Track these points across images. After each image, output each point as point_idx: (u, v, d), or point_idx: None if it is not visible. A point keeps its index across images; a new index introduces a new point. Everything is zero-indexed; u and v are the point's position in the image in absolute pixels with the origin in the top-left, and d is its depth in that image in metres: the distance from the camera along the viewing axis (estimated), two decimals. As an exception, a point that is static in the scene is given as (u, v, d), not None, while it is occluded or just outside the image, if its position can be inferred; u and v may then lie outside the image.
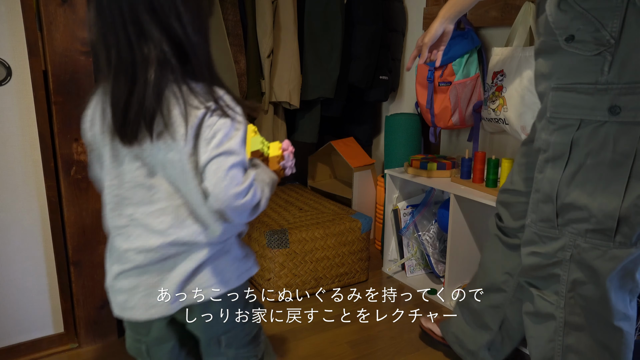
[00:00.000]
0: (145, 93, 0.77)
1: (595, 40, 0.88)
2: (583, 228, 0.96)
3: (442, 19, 1.36)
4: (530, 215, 1.06)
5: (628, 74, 0.87)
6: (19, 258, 1.52)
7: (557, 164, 0.97)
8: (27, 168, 1.48)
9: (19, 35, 1.40)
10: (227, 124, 0.80)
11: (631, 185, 0.89)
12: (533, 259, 1.06)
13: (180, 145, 0.80)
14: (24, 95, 1.44)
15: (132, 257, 0.86)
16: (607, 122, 0.89)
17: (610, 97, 0.88)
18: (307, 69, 2.20)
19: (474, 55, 1.85)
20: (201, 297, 0.88)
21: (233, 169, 0.80)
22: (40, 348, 1.59)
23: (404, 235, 2.12)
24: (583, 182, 0.94)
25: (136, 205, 0.85)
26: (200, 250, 0.87)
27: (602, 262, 0.95)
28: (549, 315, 1.06)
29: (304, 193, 2.44)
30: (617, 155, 0.90)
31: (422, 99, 1.96)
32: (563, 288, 1.02)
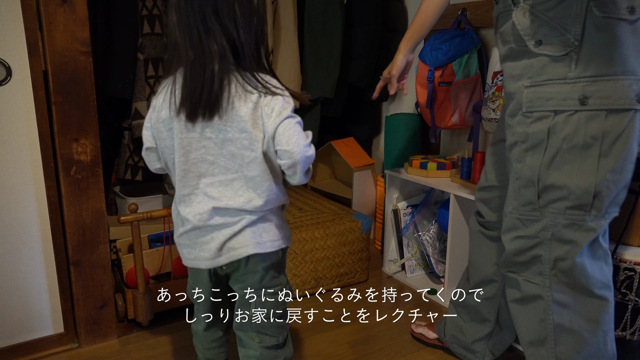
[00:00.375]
0: (212, 80, 0.96)
1: (562, 43, 1.02)
2: (563, 206, 1.07)
3: (404, 52, 1.52)
4: (511, 202, 1.15)
5: (592, 68, 1.00)
6: (19, 258, 1.52)
7: (537, 151, 1.08)
8: (27, 168, 1.48)
9: (19, 35, 1.40)
10: (279, 99, 0.99)
11: (601, 163, 1.03)
12: (517, 242, 1.15)
13: (241, 124, 0.98)
14: (24, 95, 1.44)
15: (191, 219, 1.05)
16: (577, 111, 1.02)
17: (578, 89, 1.01)
18: (307, 69, 2.20)
19: (474, 55, 1.85)
20: (240, 254, 1.06)
21: (298, 126, 0.99)
22: (40, 348, 1.59)
23: (404, 235, 2.12)
24: (561, 164, 1.05)
25: (199, 177, 1.03)
26: (244, 216, 1.04)
27: (580, 235, 1.07)
28: (536, 296, 1.14)
29: (304, 193, 2.44)
30: (588, 138, 1.02)
31: (422, 99, 1.96)
32: (546, 267, 1.12)
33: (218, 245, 1.05)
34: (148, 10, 1.84)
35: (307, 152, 0.99)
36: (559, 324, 1.13)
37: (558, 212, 1.08)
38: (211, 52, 0.96)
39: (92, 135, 1.52)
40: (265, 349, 1.18)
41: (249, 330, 1.18)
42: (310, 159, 1.01)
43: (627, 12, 0.98)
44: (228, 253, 1.06)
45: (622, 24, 0.99)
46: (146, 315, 1.72)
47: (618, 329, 1.33)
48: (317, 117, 2.29)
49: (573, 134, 1.03)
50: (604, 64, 1.00)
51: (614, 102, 1.01)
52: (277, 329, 1.19)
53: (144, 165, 2.06)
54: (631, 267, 1.26)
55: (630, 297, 1.28)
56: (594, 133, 1.02)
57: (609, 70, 1.00)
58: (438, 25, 2.13)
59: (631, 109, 1.01)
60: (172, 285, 1.78)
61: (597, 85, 1.00)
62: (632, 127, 1.02)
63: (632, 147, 1.04)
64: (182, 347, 1.63)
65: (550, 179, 1.07)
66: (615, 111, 1.01)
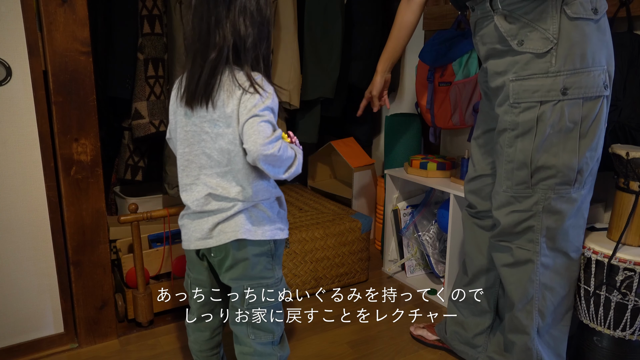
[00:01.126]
0: (208, 68, 1.02)
1: (543, 41, 1.16)
2: (552, 182, 1.22)
3: (381, 73, 1.74)
4: (505, 182, 1.29)
5: (569, 63, 1.15)
6: (19, 258, 1.52)
7: (527, 137, 1.22)
8: (27, 168, 1.48)
9: (19, 35, 1.40)
10: (256, 97, 1.02)
11: (581, 143, 1.19)
12: (512, 216, 1.29)
13: (227, 120, 1.03)
14: (24, 95, 1.44)
15: (190, 205, 1.12)
16: (560, 101, 1.17)
17: (560, 81, 1.16)
18: (307, 69, 2.19)
19: (473, 55, 1.85)
20: (229, 238, 1.09)
21: (261, 124, 1.01)
22: (40, 348, 1.59)
23: (404, 235, 2.12)
24: (548, 147, 1.20)
25: (200, 169, 1.10)
26: (237, 204, 1.09)
27: (566, 205, 1.24)
28: (527, 261, 1.29)
29: (304, 193, 2.44)
30: (570, 123, 1.18)
31: (422, 99, 1.96)
32: (537, 235, 1.27)
33: (210, 226, 1.10)
34: (148, 10, 1.84)
35: (265, 152, 1.00)
36: (543, 283, 1.29)
37: (548, 188, 1.23)
38: (215, 45, 1.02)
39: (92, 135, 1.52)
40: (259, 345, 1.19)
41: (243, 325, 1.18)
42: (270, 157, 1.01)
43: (592, 12, 1.15)
44: (218, 236, 1.10)
45: (590, 23, 1.15)
46: (146, 315, 1.72)
47: (618, 329, 1.33)
48: (317, 117, 2.29)
49: (558, 120, 1.18)
50: (578, 58, 1.15)
51: (588, 91, 1.17)
52: (272, 326, 1.19)
53: (144, 165, 2.06)
54: (631, 267, 1.27)
55: (630, 297, 1.28)
56: (574, 118, 1.18)
57: (582, 64, 1.15)
58: (438, 25, 2.13)
59: (601, 95, 1.18)
60: (172, 285, 1.78)
61: (575, 77, 1.16)
62: (602, 110, 1.20)
63: (603, 127, 1.22)
64: (182, 347, 1.63)
65: (541, 161, 1.21)
66: (589, 98, 1.17)
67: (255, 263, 1.13)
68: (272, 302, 1.17)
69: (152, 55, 1.87)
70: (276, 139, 1.02)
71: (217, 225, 1.10)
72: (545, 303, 1.30)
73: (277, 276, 1.18)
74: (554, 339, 1.35)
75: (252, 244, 1.11)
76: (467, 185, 1.52)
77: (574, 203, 1.24)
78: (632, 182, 1.31)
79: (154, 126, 1.89)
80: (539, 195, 1.24)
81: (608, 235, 1.40)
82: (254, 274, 1.14)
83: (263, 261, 1.14)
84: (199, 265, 1.21)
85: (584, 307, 1.39)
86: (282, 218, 1.18)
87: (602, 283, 1.32)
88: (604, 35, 1.18)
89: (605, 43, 1.19)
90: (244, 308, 1.16)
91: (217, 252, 1.14)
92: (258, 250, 1.12)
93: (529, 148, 1.22)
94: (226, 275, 1.16)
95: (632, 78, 1.40)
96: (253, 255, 1.12)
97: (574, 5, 1.14)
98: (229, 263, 1.13)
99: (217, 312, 1.27)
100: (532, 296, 1.30)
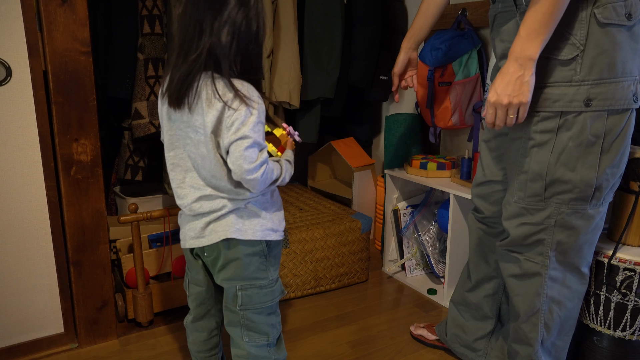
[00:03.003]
0: (184, 72, 1.01)
1: (568, 47, 1.08)
2: (567, 197, 1.16)
3: (405, 50, 1.56)
4: (517, 193, 1.23)
5: (595, 72, 1.07)
6: (19, 258, 1.52)
7: (544, 148, 1.15)
8: (27, 168, 1.48)
9: (19, 35, 1.40)
10: (242, 112, 1.01)
11: (602, 159, 1.12)
12: (522, 228, 1.23)
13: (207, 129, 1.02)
14: (24, 95, 1.44)
15: (184, 210, 1.14)
16: (582, 112, 1.09)
17: (584, 91, 1.08)
18: (307, 69, 2.19)
19: (474, 55, 1.85)
20: (219, 237, 1.10)
21: (247, 150, 1.01)
22: (40, 348, 1.59)
23: (404, 235, 2.12)
24: (566, 160, 1.13)
25: (185, 172, 1.11)
26: (227, 204, 1.09)
27: (581, 221, 1.18)
28: (535, 274, 1.24)
29: (304, 193, 2.44)
30: (591, 136, 1.10)
31: (422, 99, 1.96)
32: (547, 249, 1.21)
33: (202, 225, 1.11)
34: (148, 10, 1.84)
35: (248, 176, 1.01)
36: (551, 296, 1.25)
37: (562, 203, 1.16)
38: (197, 48, 1.01)
39: (92, 135, 1.52)
40: (254, 347, 1.18)
41: (237, 326, 1.18)
42: (252, 182, 1.03)
43: (626, 18, 1.05)
44: (210, 235, 1.11)
45: (622, 30, 1.06)
46: (146, 315, 1.72)
47: (618, 329, 1.33)
48: (317, 117, 2.29)
49: (578, 133, 1.10)
50: (606, 67, 1.06)
51: (614, 103, 1.08)
52: (267, 328, 1.18)
53: (144, 165, 2.06)
54: (631, 267, 1.27)
55: (630, 297, 1.28)
56: (597, 132, 1.10)
57: (610, 74, 1.07)
58: (438, 25, 2.13)
59: (629, 108, 1.10)
60: (172, 285, 1.78)
61: (601, 88, 1.07)
62: (629, 124, 1.12)
63: (628, 142, 1.14)
64: (182, 347, 1.63)
65: (557, 174, 1.14)
66: (615, 111, 1.09)
67: (247, 263, 1.12)
68: (266, 304, 1.17)
69: (152, 55, 1.87)
70: (260, 165, 1.03)
71: (209, 225, 1.11)
72: (552, 316, 1.26)
73: (271, 277, 1.17)
74: (557, 348, 1.32)
75: (243, 243, 1.11)
76: (474, 189, 1.45)
77: (590, 220, 1.17)
78: (632, 182, 1.31)
79: (154, 126, 1.89)
80: (551, 209, 1.18)
81: (608, 235, 1.40)
82: (246, 274, 1.13)
83: (255, 261, 1.13)
84: (195, 265, 1.21)
85: (583, 307, 1.39)
86: (276, 219, 1.17)
87: (602, 283, 1.32)
88: (637, 43, 1.09)
89: (638, 52, 1.09)
90: (237, 309, 1.16)
91: (209, 251, 1.14)
92: (249, 250, 1.12)
93: (545, 160, 1.15)
94: (219, 276, 1.16)
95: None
96: (244, 255, 1.12)
97: (607, 10, 1.04)
98: (221, 263, 1.13)
99: (214, 313, 1.27)
100: (539, 309, 1.26)
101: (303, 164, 2.77)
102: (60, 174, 1.50)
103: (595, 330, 1.39)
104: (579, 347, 1.47)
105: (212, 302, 1.25)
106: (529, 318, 1.28)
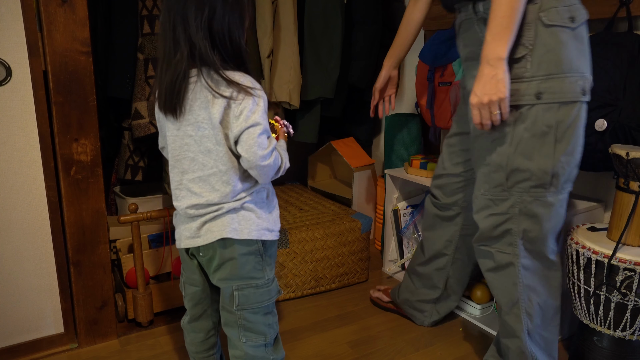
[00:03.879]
0: (172, 75, 1.02)
1: (519, 47, 1.18)
2: (527, 185, 1.24)
3: (386, 67, 1.72)
4: (482, 186, 1.32)
5: (543, 68, 1.17)
6: (19, 258, 1.52)
7: (504, 140, 1.24)
8: (27, 168, 1.48)
9: (19, 35, 1.40)
10: (249, 101, 1.03)
11: (557, 148, 1.21)
12: (490, 219, 1.32)
13: (213, 121, 1.03)
14: (24, 95, 1.44)
15: (180, 212, 1.14)
16: (534, 105, 1.19)
17: (534, 86, 1.18)
18: (307, 69, 2.20)
19: (474, 55, 1.85)
20: (215, 237, 1.10)
21: (260, 137, 1.03)
22: (40, 348, 1.59)
23: (404, 235, 2.12)
24: (524, 150, 1.22)
25: (182, 173, 1.11)
26: (224, 205, 1.09)
27: (542, 209, 1.25)
28: (508, 264, 1.32)
29: (304, 193, 2.44)
30: (544, 127, 1.19)
31: (422, 99, 1.96)
32: (516, 238, 1.29)
33: (198, 225, 1.11)
34: (148, 10, 1.84)
35: (262, 162, 1.04)
36: (527, 285, 1.32)
37: (523, 191, 1.25)
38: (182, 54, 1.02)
39: (92, 135, 1.52)
40: (251, 348, 1.18)
41: (234, 327, 1.17)
42: (266, 168, 1.05)
43: (569, 20, 1.16)
44: (205, 235, 1.11)
45: (566, 30, 1.17)
46: (146, 315, 1.72)
47: (618, 329, 1.33)
48: (317, 117, 2.29)
49: (532, 124, 1.20)
50: (553, 64, 1.17)
51: (563, 96, 1.18)
52: (264, 328, 1.18)
53: (144, 165, 2.06)
54: (631, 267, 1.27)
55: (630, 297, 1.28)
56: (549, 122, 1.19)
57: (557, 69, 1.17)
58: (438, 25, 2.13)
59: (577, 100, 1.19)
60: (172, 285, 1.78)
61: (549, 83, 1.17)
62: (579, 116, 1.21)
63: (580, 132, 1.23)
64: (181, 347, 1.63)
65: (516, 164, 1.23)
66: (565, 103, 1.19)
67: (243, 263, 1.12)
68: (263, 304, 1.17)
69: (152, 55, 1.87)
70: (272, 151, 1.06)
71: (205, 225, 1.11)
72: (532, 304, 1.33)
73: (267, 277, 1.17)
74: (545, 341, 1.37)
75: (239, 243, 1.11)
76: (434, 181, 1.63)
77: (551, 207, 1.25)
78: (632, 182, 1.31)
79: (154, 126, 1.89)
80: (515, 199, 1.26)
81: (608, 235, 1.40)
82: (242, 274, 1.13)
83: (252, 261, 1.13)
84: (190, 265, 1.21)
85: (584, 307, 1.39)
86: (272, 219, 1.17)
87: (602, 283, 1.32)
88: (582, 44, 1.19)
89: (583, 52, 1.20)
90: (233, 309, 1.15)
91: (205, 251, 1.14)
92: (245, 249, 1.12)
93: (505, 151, 1.24)
94: (215, 276, 1.16)
95: (632, 78, 1.40)
96: (240, 254, 1.12)
97: (551, 13, 1.15)
98: (216, 262, 1.13)
99: (211, 313, 1.26)
100: (518, 299, 1.32)
101: (303, 164, 2.77)
102: (60, 174, 1.50)
103: (595, 330, 1.39)
104: (579, 347, 1.47)
105: (209, 302, 1.25)
106: (511, 309, 1.34)
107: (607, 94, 1.41)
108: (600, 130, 1.42)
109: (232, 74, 1.03)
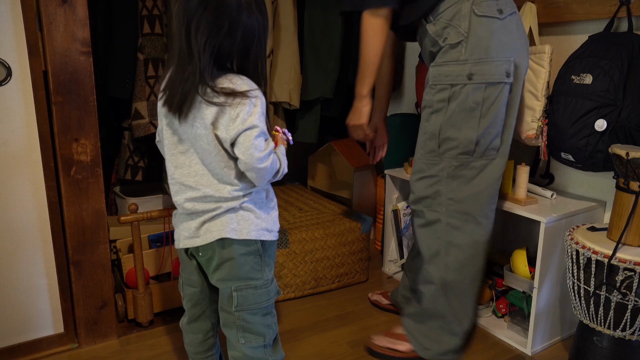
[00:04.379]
0: (185, 80, 1.03)
1: (456, 35, 1.37)
2: (455, 152, 1.42)
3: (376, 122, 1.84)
4: (419, 151, 1.50)
5: (475, 53, 1.35)
6: (19, 258, 1.52)
7: (439, 113, 1.42)
8: (27, 168, 1.48)
9: (19, 35, 1.40)
10: (246, 103, 1.03)
11: (481, 121, 1.39)
12: (422, 181, 1.49)
13: (206, 122, 1.03)
14: (24, 95, 1.44)
15: (179, 208, 1.15)
16: (466, 84, 1.37)
17: (467, 68, 1.36)
18: (307, 69, 2.20)
19: (473, 55, 1.85)
20: (214, 237, 1.10)
21: (257, 139, 1.04)
22: (40, 348, 1.59)
23: (404, 235, 2.12)
24: (454, 122, 1.40)
25: (176, 168, 1.12)
26: (222, 204, 1.10)
27: (467, 171, 1.43)
28: (436, 220, 1.48)
29: (304, 193, 2.44)
30: (473, 104, 1.38)
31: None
32: (444, 198, 1.46)
33: (197, 225, 1.11)
34: (148, 10, 1.84)
35: (259, 165, 1.04)
36: (449, 240, 1.47)
37: (452, 157, 1.43)
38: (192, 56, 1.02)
39: (92, 135, 1.52)
40: (250, 349, 1.18)
41: (233, 328, 1.17)
42: (262, 171, 1.05)
43: (497, 12, 1.35)
44: (204, 235, 1.11)
45: (495, 21, 1.35)
46: (146, 315, 1.72)
47: (618, 329, 1.33)
48: (317, 117, 2.29)
49: (463, 101, 1.38)
50: (483, 50, 1.35)
51: (490, 78, 1.36)
52: (263, 329, 1.18)
53: (144, 165, 2.06)
54: (631, 267, 1.27)
55: (630, 297, 1.28)
56: (477, 100, 1.37)
57: (486, 55, 1.35)
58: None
59: (502, 82, 1.37)
60: (172, 285, 1.78)
61: (479, 66, 1.35)
62: (502, 95, 1.38)
63: (502, 109, 1.40)
64: (181, 347, 1.63)
65: (447, 133, 1.41)
66: (491, 84, 1.36)
67: (242, 263, 1.12)
68: (262, 304, 1.16)
69: (152, 55, 1.87)
70: (269, 154, 1.06)
71: (204, 224, 1.11)
72: (452, 259, 1.48)
73: (266, 277, 1.16)
74: (461, 295, 1.50)
75: (238, 243, 1.11)
76: None
77: (474, 170, 1.43)
78: (632, 182, 1.31)
79: (154, 126, 1.89)
80: (444, 163, 1.44)
81: (608, 235, 1.40)
82: (241, 274, 1.13)
83: (250, 261, 1.13)
84: (189, 265, 1.21)
85: (584, 307, 1.39)
86: (271, 219, 1.17)
87: (602, 283, 1.32)
88: (509, 32, 1.37)
89: (511, 39, 1.37)
90: (232, 310, 1.15)
91: (204, 251, 1.14)
92: (244, 249, 1.12)
93: (439, 122, 1.42)
94: (214, 276, 1.16)
95: (632, 78, 1.40)
96: (239, 254, 1.11)
97: (482, 6, 1.34)
98: (215, 263, 1.13)
99: (209, 314, 1.26)
100: (439, 252, 1.48)
101: (303, 164, 2.77)
102: (60, 174, 1.50)
103: (595, 330, 1.39)
104: (579, 347, 1.47)
105: (207, 302, 1.25)
106: (432, 259, 1.50)
107: (607, 94, 1.41)
108: (600, 130, 1.42)
109: (228, 79, 1.04)
